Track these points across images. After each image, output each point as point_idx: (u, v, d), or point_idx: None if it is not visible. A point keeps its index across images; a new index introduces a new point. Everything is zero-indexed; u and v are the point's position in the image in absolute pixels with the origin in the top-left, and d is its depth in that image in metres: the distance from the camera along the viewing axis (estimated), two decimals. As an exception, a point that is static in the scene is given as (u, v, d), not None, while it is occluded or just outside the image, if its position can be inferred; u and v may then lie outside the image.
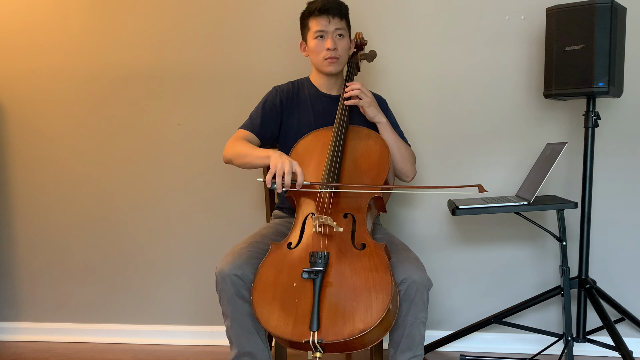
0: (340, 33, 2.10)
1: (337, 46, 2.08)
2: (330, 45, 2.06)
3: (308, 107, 2.17)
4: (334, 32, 2.08)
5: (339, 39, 2.10)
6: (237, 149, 2.04)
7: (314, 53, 2.11)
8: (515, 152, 2.48)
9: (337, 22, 2.09)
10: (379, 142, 2.01)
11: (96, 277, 2.75)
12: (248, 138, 2.11)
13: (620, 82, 2.18)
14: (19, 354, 2.62)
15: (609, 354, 2.41)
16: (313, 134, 2.07)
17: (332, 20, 2.08)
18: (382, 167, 1.95)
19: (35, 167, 2.75)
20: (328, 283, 1.69)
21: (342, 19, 2.11)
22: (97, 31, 2.66)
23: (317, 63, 2.13)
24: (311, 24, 2.10)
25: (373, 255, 1.75)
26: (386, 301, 1.64)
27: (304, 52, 2.18)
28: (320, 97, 2.19)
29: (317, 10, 2.07)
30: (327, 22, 2.07)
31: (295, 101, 2.19)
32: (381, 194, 1.91)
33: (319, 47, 2.09)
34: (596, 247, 2.44)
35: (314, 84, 2.21)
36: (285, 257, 1.79)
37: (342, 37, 2.11)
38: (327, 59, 2.08)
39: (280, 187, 1.82)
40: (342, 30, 2.10)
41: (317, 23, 2.08)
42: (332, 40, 2.07)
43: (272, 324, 1.66)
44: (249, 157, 2.00)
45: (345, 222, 1.84)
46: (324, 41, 2.08)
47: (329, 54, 2.08)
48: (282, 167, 1.82)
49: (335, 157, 1.94)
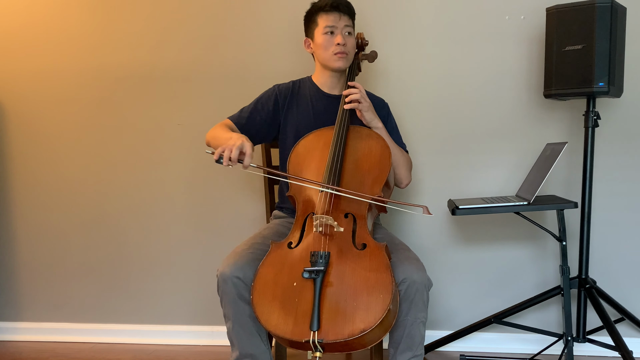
0: (349, 31, 2.11)
1: (346, 42, 2.09)
2: (341, 41, 2.07)
3: (308, 106, 2.17)
4: (343, 28, 2.10)
5: (348, 36, 2.11)
6: (213, 133, 2.05)
7: (323, 48, 2.10)
8: (515, 152, 2.48)
9: (347, 20, 2.11)
10: (380, 142, 2.01)
11: (96, 277, 2.75)
12: (230, 127, 2.10)
13: (620, 82, 2.18)
14: (19, 354, 2.62)
15: (609, 354, 2.41)
16: (314, 133, 2.07)
17: (343, 17, 2.10)
18: (383, 167, 1.95)
19: (35, 167, 2.75)
20: (328, 283, 1.69)
21: (351, 17, 2.14)
22: (97, 31, 2.66)
23: (326, 58, 2.12)
24: (320, 19, 2.10)
25: (374, 255, 1.75)
26: (387, 301, 1.64)
27: (309, 49, 2.18)
28: (322, 96, 2.19)
29: (329, 6, 2.09)
30: (338, 17, 2.09)
31: (295, 99, 2.19)
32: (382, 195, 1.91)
33: (328, 42, 2.09)
34: (596, 247, 2.44)
35: (316, 83, 2.21)
36: (286, 257, 1.79)
37: (350, 35, 2.13)
38: (336, 53, 2.09)
39: (226, 161, 1.79)
40: (350, 28, 2.12)
41: (327, 18, 2.09)
42: (342, 36, 2.08)
43: (272, 324, 1.66)
44: (219, 139, 1.97)
45: (346, 222, 1.85)
46: (333, 37, 2.09)
47: (339, 48, 2.08)
48: (233, 143, 1.81)
49: (336, 157, 1.94)
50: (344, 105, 2.04)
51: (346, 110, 2.05)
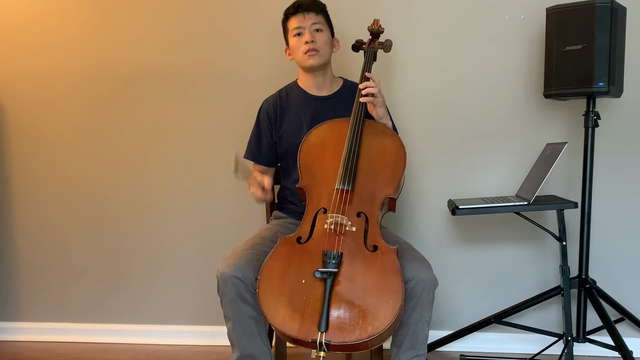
0: (317, 28, 2.09)
1: (314, 39, 2.07)
2: (308, 38, 2.06)
3: (299, 113, 2.16)
4: (310, 26, 2.08)
5: (317, 33, 2.09)
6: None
7: (295, 50, 2.11)
8: (515, 152, 2.48)
9: (313, 17, 2.09)
10: (395, 140, 1.96)
11: (96, 277, 2.75)
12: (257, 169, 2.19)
13: (620, 82, 2.18)
14: (19, 354, 2.62)
15: (609, 354, 2.41)
16: (327, 124, 2.02)
17: (307, 16, 2.08)
18: (398, 166, 1.91)
19: (35, 167, 2.75)
20: (339, 283, 1.68)
21: (319, 13, 2.11)
22: (97, 31, 2.66)
23: (299, 60, 2.12)
24: (289, 24, 2.12)
25: (385, 258, 1.73)
26: (397, 307, 1.63)
27: (289, 57, 2.18)
28: (310, 100, 2.17)
29: (293, 8, 2.10)
30: (302, 17, 2.08)
31: (285, 109, 2.18)
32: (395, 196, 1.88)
33: (298, 44, 2.09)
34: (596, 247, 2.44)
35: (303, 88, 2.20)
36: (295, 252, 1.77)
37: (321, 31, 2.10)
38: (306, 52, 2.07)
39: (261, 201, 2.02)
40: (319, 24, 2.10)
41: (293, 21, 2.10)
42: (309, 33, 2.07)
43: (278, 320, 1.65)
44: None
45: (358, 221, 1.82)
46: (302, 37, 2.09)
47: (307, 46, 2.07)
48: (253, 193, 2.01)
49: (352, 153, 1.90)
50: (359, 98, 1.99)
51: (362, 103, 2.00)
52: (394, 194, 1.87)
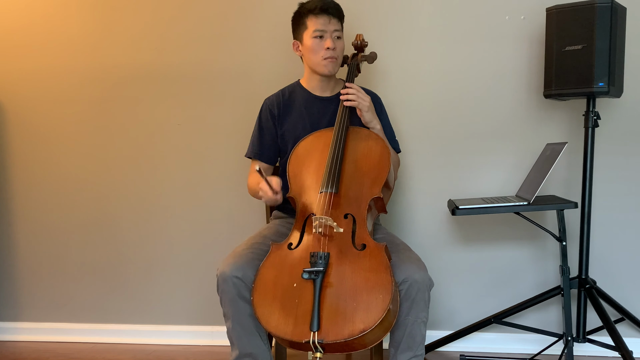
0: (338, 35, 2.10)
1: (336, 46, 2.08)
2: (330, 45, 2.06)
3: (302, 113, 2.16)
4: (333, 32, 2.08)
5: (337, 40, 2.09)
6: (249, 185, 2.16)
7: (312, 52, 2.09)
8: (515, 152, 2.48)
9: (336, 23, 2.09)
10: (379, 143, 2.00)
11: (96, 277, 2.75)
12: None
13: (620, 82, 2.18)
14: (19, 354, 2.62)
15: (609, 354, 2.41)
16: (314, 135, 2.07)
17: (332, 21, 2.08)
18: (383, 168, 1.94)
19: (35, 167, 2.75)
20: (328, 283, 1.69)
21: (340, 21, 2.12)
22: (97, 31, 2.66)
23: (315, 63, 2.11)
24: (310, 22, 2.08)
25: (373, 255, 1.75)
26: (386, 301, 1.64)
27: (298, 52, 2.16)
28: (314, 100, 2.18)
29: (319, 8, 2.06)
30: (327, 21, 2.07)
31: (288, 107, 2.18)
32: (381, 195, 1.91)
33: (318, 46, 2.08)
34: (596, 247, 2.44)
35: (306, 88, 2.20)
36: (286, 258, 1.79)
37: (340, 39, 2.11)
38: (326, 58, 2.07)
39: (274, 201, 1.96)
40: (339, 32, 2.11)
41: (316, 22, 2.07)
42: (331, 40, 2.07)
43: (272, 324, 1.66)
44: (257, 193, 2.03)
45: (346, 222, 1.84)
46: (323, 41, 2.07)
47: (328, 53, 2.07)
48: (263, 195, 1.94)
49: (335, 158, 1.94)
50: (343, 102, 2.04)
51: (346, 110, 2.05)
52: (380, 194, 1.89)
